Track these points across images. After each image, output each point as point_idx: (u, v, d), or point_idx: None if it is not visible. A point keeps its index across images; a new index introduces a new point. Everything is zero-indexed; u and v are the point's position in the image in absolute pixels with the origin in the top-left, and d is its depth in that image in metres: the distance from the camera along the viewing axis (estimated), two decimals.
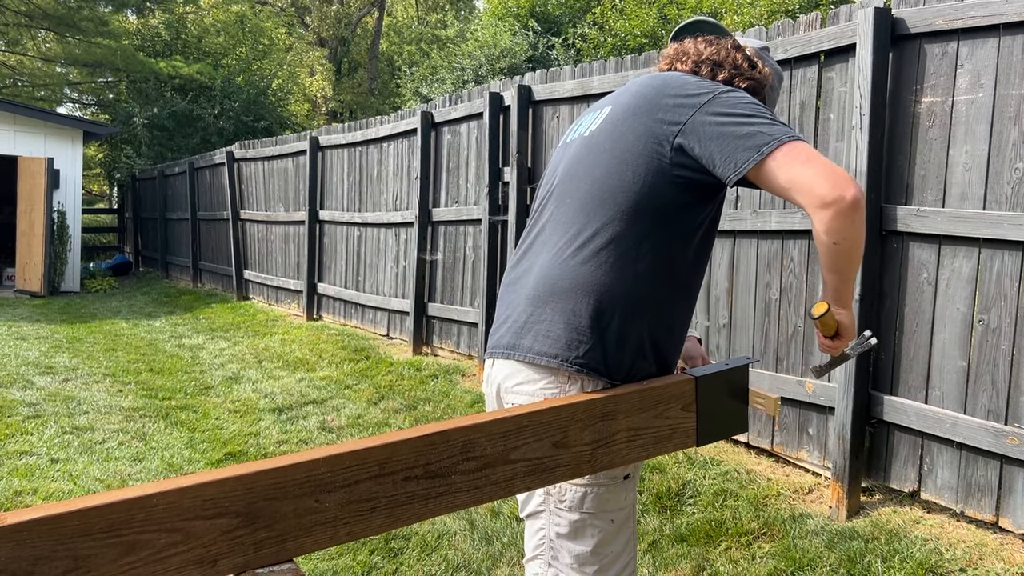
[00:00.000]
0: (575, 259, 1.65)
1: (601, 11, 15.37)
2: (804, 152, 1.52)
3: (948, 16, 3.36)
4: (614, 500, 1.68)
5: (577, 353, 1.61)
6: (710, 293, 4.50)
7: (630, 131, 1.66)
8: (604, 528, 1.67)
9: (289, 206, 10.12)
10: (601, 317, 1.61)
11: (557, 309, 1.64)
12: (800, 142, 1.54)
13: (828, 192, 1.48)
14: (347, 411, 5.46)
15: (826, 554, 3.15)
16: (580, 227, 1.66)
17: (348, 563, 3.24)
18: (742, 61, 1.79)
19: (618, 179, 1.64)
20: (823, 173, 1.49)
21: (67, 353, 7.54)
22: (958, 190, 3.37)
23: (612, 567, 1.69)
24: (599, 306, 1.61)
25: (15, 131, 12.61)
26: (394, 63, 28.23)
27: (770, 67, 1.88)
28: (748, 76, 1.79)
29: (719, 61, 1.78)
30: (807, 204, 1.51)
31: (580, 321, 1.61)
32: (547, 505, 1.70)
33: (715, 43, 1.82)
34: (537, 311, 1.67)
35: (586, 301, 1.62)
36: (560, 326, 1.63)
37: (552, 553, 1.70)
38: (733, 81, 1.76)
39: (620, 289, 1.61)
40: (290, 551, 1.15)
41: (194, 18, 21.86)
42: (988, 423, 3.24)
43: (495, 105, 6.20)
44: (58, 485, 4.00)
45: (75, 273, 13.30)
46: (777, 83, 1.94)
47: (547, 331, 1.64)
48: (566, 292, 1.64)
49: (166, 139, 17.95)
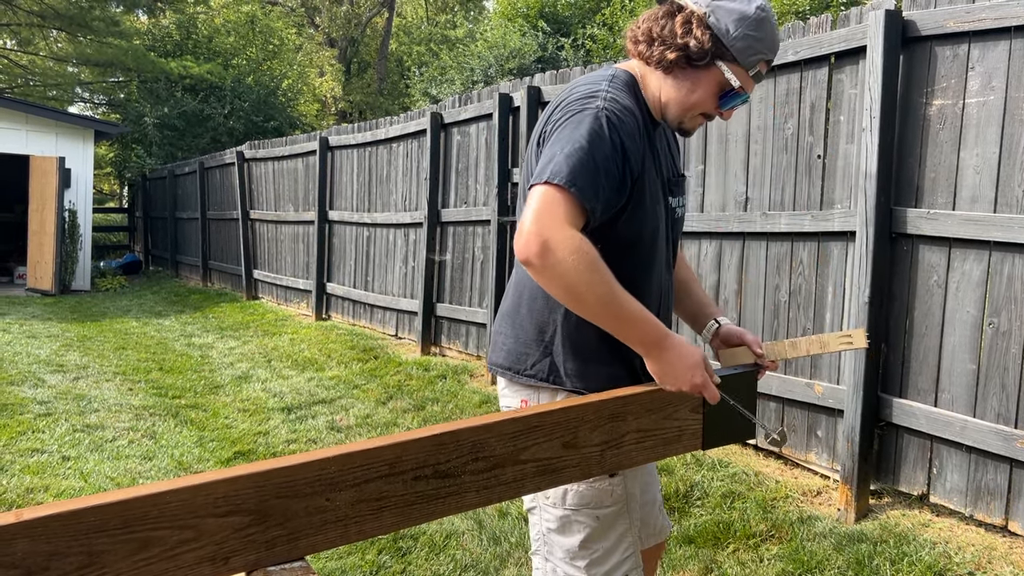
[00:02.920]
0: (523, 275, 1.73)
1: (611, 11, 15.35)
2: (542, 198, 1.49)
3: (959, 18, 3.35)
4: (596, 498, 1.70)
5: (525, 366, 1.73)
6: (719, 295, 4.49)
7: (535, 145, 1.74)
8: (589, 524, 1.70)
9: (299, 206, 10.15)
10: (543, 331, 1.71)
11: (510, 323, 1.78)
12: (554, 189, 1.49)
13: (519, 250, 1.48)
14: (356, 411, 5.48)
15: (834, 557, 3.14)
16: None
17: (357, 562, 3.25)
18: (677, 27, 1.63)
19: None
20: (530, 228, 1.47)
21: (78, 351, 7.58)
22: (968, 193, 3.36)
23: (605, 561, 1.71)
24: (539, 320, 1.72)
25: (27, 130, 12.68)
26: (403, 63, 28.28)
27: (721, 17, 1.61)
28: (678, 46, 1.63)
29: (651, 36, 1.68)
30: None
31: (526, 335, 1.74)
32: (537, 501, 1.76)
33: (653, 14, 1.70)
34: (501, 324, 1.82)
35: (529, 315, 1.74)
36: (511, 340, 1.77)
37: (547, 548, 1.76)
38: (665, 56, 1.65)
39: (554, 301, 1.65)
40: (301, 549, 1.16)
41: (205, 18, 21.93)
42: (998, 426, 3.22)
43: (504, 106, 6.21)
44: (69, 483, 4.03)
45: (86, 272, 13.37)
46: (747, 28, 1.61)
47: (502, 344, 1.79)
48: (515, 307, 1.77)
49: (176, 139, 18.03)
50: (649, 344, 1.55)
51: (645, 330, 1.55)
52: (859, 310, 3.64)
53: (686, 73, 1.66)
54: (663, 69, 1.67)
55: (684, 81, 1.67)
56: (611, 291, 1.49)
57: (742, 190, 4.34)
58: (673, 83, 1.68)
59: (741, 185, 4.34)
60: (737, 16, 1.61)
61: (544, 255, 1.44)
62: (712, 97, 1.68)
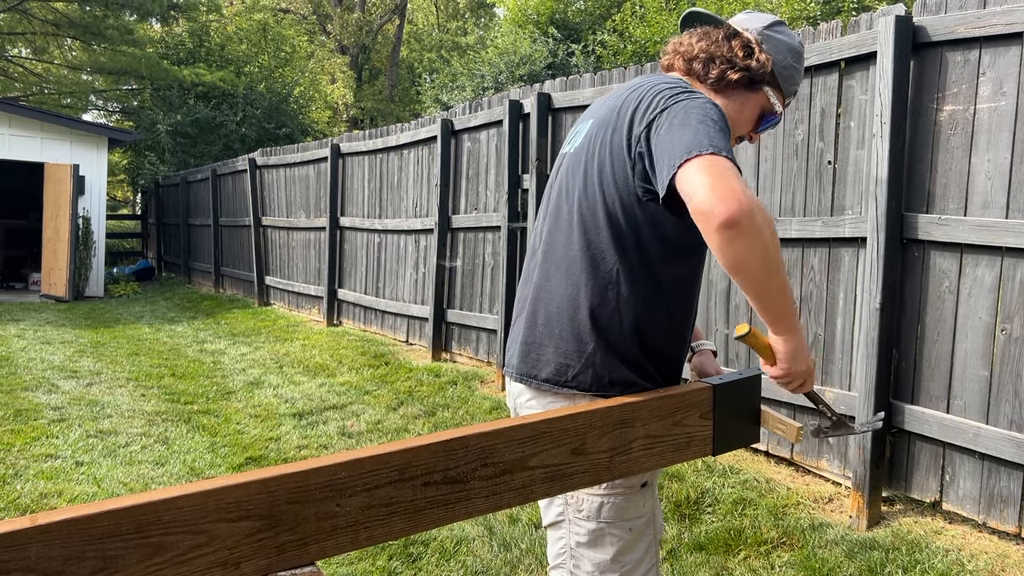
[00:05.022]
0: (563, 284, 1.69)
1: (621, 18, 15.37)
2: (704, 170, 1.38)
3: (970, 24, 3.34)
4: (632, 509, 1.69)
5: (566, 378, 1.68)
6: (730, 301, 4.49)
7: (604, 147, 1.66)
8: (622, 537, 1.69)
9: (310, 212, 10.19)
10: (585, 343, 1.66)
11: (548, 334, 1.71)
12: (714, 156, 1.39)
13: (715, 212, 1.34)
14: (367, 416, 5.49)
15: (846, 564, 3.13)
16: (566, 250, 1.70)
17: (367, 568, 3.26)
18: (737, 50, 1.73)
19: (595, 198, 1.65)
20: (712, 194, 1.35)
21: (91, 357, 7.63)
22: (980, 198, 3.35)
23: (634, 573, 1.70)
24: (582, 332, 1.66)
25: (42, 138, 12.80)
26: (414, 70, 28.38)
27: (773, 46, 1.76)
28: (741, 67, 1.72)
29: (711, 55, 1.74)
30: (700, 226, 1.39)
31: (567, 346, 1.67)
32: (566, 515, 1.73)
33: (708, 35, 1.76)
34: (534, 336, 1.74)
35: (571, 327, 1.67)
36: (550, 351, 1.70)
37: (573, 562, 1.73)
38: (726, 75, 1.72)
39: (604, 312, 1.64)
40: (312, 554, 1.17)
41: (217, 26, 22.08)
42: (1011, 433, 3.20)
43: (515, 112, 6.23)
44: (82, 488, 4.06)
45: (99, 278, 13.46)
46: (792, 59, 1.79)
47: (538, 356, 1.72)
48: (553, 318, 1.70)
49: (189, 146, 18.15)
50: (793, 321, 1.56)
51: (793, 309, 1.55)
52: (870, 316, 3.63)
53: (738, 94, 1.76)
54: (718, 87, 1.75)
55: (735, 101, 1.76)
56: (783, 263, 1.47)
57: None
58: (723, 101, 1.73)
59: (751, 191, 4.33)
60: (786, 47, 1.79)
61: (752, 216, 1.35)
62: (753, 118, 1.81)
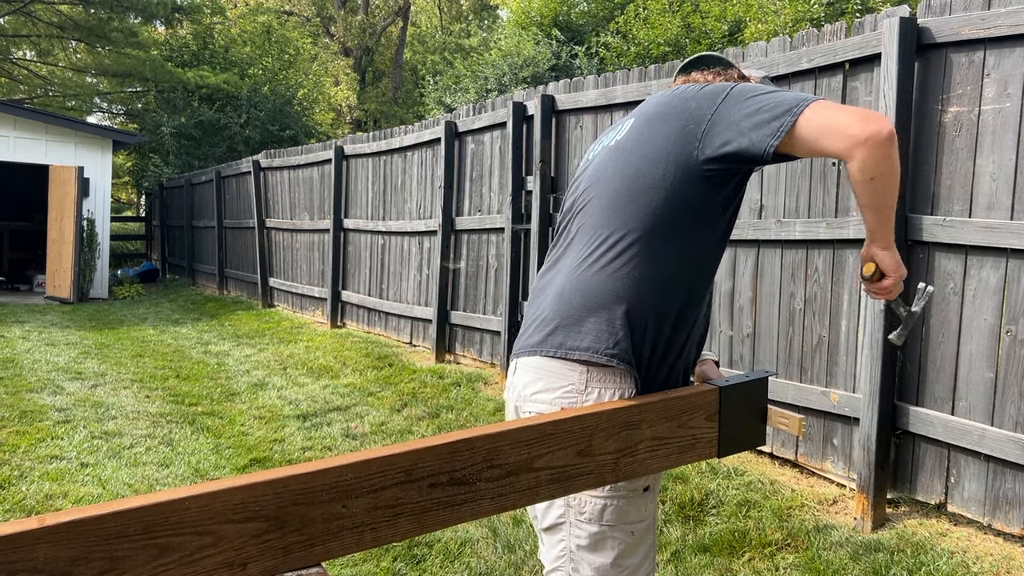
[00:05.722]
0: (604, 262, 1.67)
1: (624, 20, 15.36)
2: (833, 105, 1.58)
3: (975, 25, 3.34)
4: (634, 512, 1.69)
5: (607, 345, 1.63)
6: (734, 302, 4.48)
7: (658, 134, 1.69)
8: (624, 540, 1.68)
9: (314, 214, 10.20)
10: (634, 319, 1.64)
11: (588, 310, 1.66)
12: (828, 100, 1.59)
13: (861, 130, 1.51)
14: (371, 418, 5.50)
15: (851, 566, 3.12)
16: (611, 229, 1.68)
17: (372, 569, 3.26)
18: None
19: (648, 178, 1.67)
20: (855, 114, 1.53)
21: (96, 359, 7.65)
22: (985, 200, 3.35)
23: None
24: (631, 310, 1.64)
25: (46, 140, 12.83)
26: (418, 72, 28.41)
27: None
28: None
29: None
30: (841, 146, 1.53)
31: (615, 321, 1.64)
32: (567, 517, 1.71)
33: (723, 74, 1.91)
34: (569, 313, 1.68)
35: (619, 305, 1.64)
36: (590, 323, 1.65)
37: (572, 565, 1.71)
38: None
39: (650, 290, 1.64)
40: (318, 555, 1.17)
41: (221, 29, 22.14)
42: (1016, 435, 3.20)
43: (518, 114, 6.23)
44: (87, 489, 4.06)
45: (103, 280, 13.49)
46: None
47: (578, 329, 1.66)
48: (598, 297, 1.66)
49: (193, 148, 18.19)
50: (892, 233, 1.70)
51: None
52: (875, 317, 3.62)
53: None
54: None
55: None
56: None
57: (756, 197, 4.33)
58: None
59: (755, 192, 4.34)
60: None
61: (893, 132, 1.53)
62: None
